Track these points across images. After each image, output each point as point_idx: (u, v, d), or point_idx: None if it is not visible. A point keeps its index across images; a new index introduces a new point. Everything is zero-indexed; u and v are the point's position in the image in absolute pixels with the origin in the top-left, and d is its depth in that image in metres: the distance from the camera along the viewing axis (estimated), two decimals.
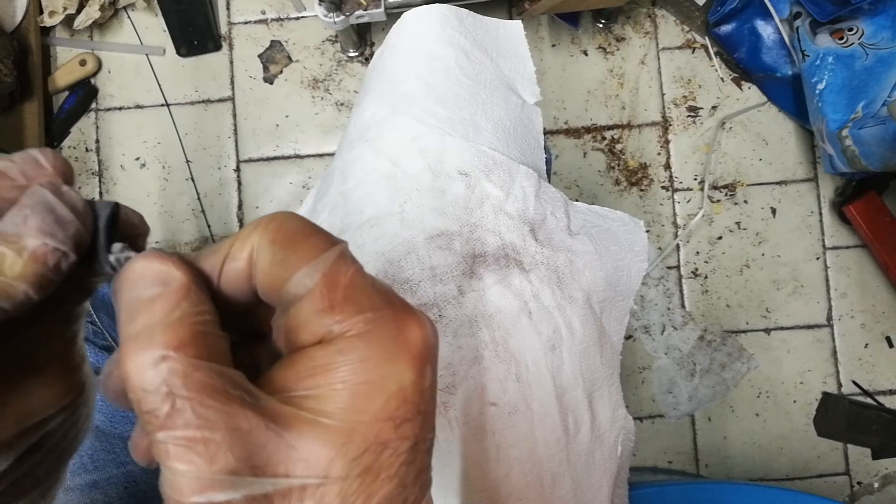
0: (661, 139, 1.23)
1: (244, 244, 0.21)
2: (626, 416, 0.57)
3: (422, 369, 0.20)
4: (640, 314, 1.21)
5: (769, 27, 1.17)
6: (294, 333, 0.21)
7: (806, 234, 1.22)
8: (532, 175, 0.53)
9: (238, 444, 0.18)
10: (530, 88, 0.59)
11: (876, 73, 1.07)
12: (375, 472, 0.19)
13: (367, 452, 0.19)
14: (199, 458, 0.18)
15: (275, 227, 0.21)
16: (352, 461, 0.19)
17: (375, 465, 0.19)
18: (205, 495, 0.18)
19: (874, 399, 0.90)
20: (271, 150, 1.22)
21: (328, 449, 0.19)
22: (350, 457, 0.19)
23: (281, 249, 0.20)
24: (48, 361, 0.24)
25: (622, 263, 0.58)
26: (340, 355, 0.20)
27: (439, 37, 0.55)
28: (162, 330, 0.19)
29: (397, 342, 0.20)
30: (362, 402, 0.20)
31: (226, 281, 0.21)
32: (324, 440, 0.19)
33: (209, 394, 0.18)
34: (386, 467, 0.20)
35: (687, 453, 1.19)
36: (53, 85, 1.21)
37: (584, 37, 1.25)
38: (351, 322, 0.20)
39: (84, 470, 0.55)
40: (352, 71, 1.23)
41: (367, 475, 0.19)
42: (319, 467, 0.19)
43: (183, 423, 0.18)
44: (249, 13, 1.24)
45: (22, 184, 0.21)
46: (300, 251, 0.20)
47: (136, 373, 0.19)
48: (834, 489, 1.18)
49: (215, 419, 0.18)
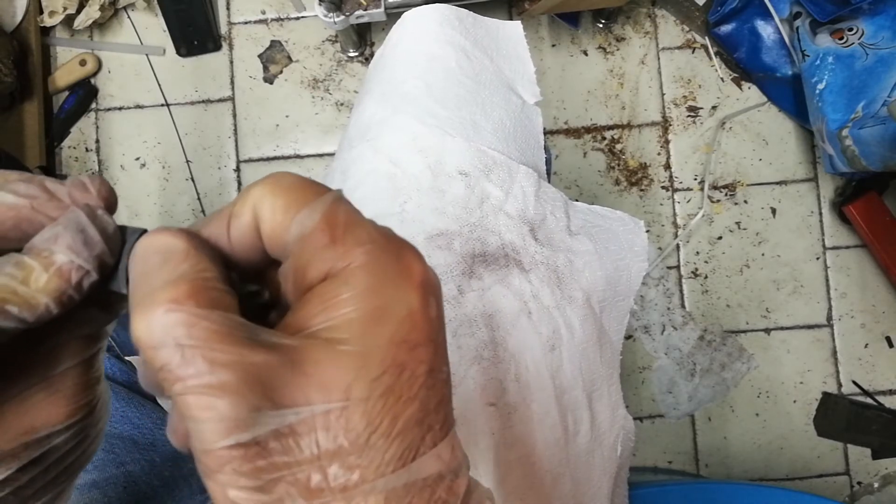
0: (661, 139, 1.23)
1: (245, 201, 0.22)
2: (626, 416, 0.57)
3: (426, 297, 0.21)
4: (640, 314, 1.21)
5: (769, 27, 1.17)
6: (300, 274, 0.21)
7: (806, 234, 1.22)
8: (532, 175, 0.53)
9: (254, 382, 0.19)
10: (530, 88, 0.59)
11: (876, 73, 1.07)
12: (397, 394, 0.20)
13: (385, 374, 0.20)
14: (218, 401, 0.18)
15: (272, 181, 0.22)
16: (372, 382, 0.19)
17: (396, 386, 0.20)
18: (231, 437, 0.18)
19: (874, 399, 0.90)
20: (271, 150, 1.22)
21: (346, 372, 0.19)
22: (370, 378, 0.19)
23: (281, 198, 0.21)
24: (63, 379, 0.25)
25: (622, 263, 0.58)
26: (346, 286, 0.20)
27: (439, 37, 0.55)
28: (162, 288, 0.19)
29: (399, 271, 0.21)
30: (374, 327, 0.20)
31: (235, 239, 0.22)
32: (340, 364, 0.19)
33: (216, 338, 0.19)
34: (406, 389, 0.20)
35: (687, 453, 1.19)
36: (53, 85, 1.21)
37: (584, 37, 1.25)
38: (353, 254, 0.20)
39: (83, 470, 0.55)
40: (352, 71, 1.23)
41: (388, 395, 0.20)
42: (340, 391, 0.19)
43: (195, 371, 0.18)
44: (249, 13, 1.24)
45: (67, 205, 0.22)
46: (300, 197, 0.21)
47: (143, 332, 0.19)
48: (834, 489, 1.18)
49: (226, 361, 0.18)
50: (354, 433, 0.19)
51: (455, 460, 0.21)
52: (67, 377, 0.25)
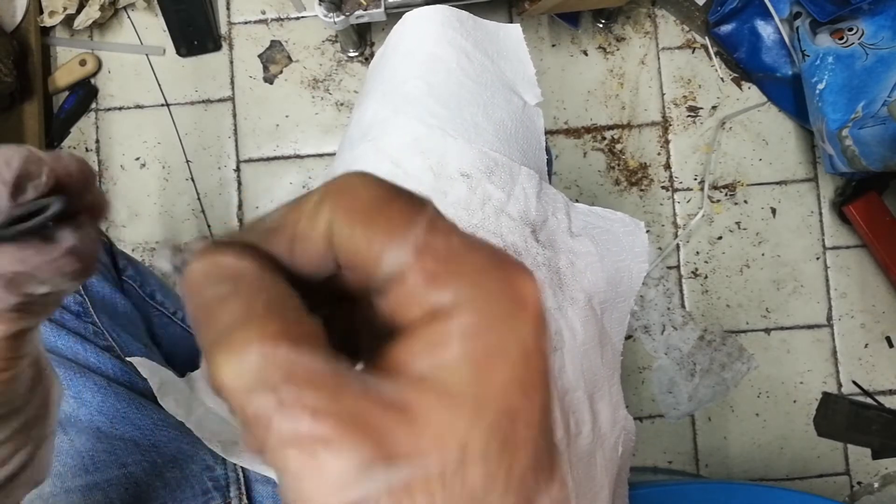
0: (661, 139, 1.23)
1: (316, 221, 0.19)
2: (627, 417, 0.57)
3: (540, 331, 0.18)
4: (640, 314, 1.21)
5: (769, 27, 1.17)
6: (398, 312, 0.19)
7: (806, 234, 1.22)
8: (533, 176, 0.53)
9: (362, 433, 0.16)
10: (531, 90, 0.59)
11: (876, 73, 1.07)
12: (512, 443, 0.18)
13: (501, 422, 0.17)
14: (322, 456, 0.16)
15: (348, 200, 0.18)
16: (488, 432, 0.17)
17: (511, 434, 0.18)
18: (338, 496, 0.16)
19: (874, 399, 0.90)
20: (271, 150, 1.22)
21: (461, 422, 0.17)
22: (485, 427, 0.17)
23: (361, 226, 0.18)
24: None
25: (623, 265, 0.58)
26: (453, 327, 0.18)
27: (440, 38, 0.55)
28: (246, 325, 0.17)
29: (511, 301, 0.18)
30: (487, 370, 0.18)
31: (300, 262, 0.19)
32: (454, 413, 0.17)
33: (317, 384, 0.16)
34: (521, 436, 0.18)
35: (687, 453, 1.19)
36: (53, 85, 1.21)
37: (584, 37, 1.25)
38: (457, 290, 0.18)
39: (85, 471, 0.55)
40: (352, 71, 1.23)
41: (504, 446, 0.17)
42: (456, 443, 0.17)
43: (294, 422, 0.16)
44: (249, 13, 1.24)
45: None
46: (384, 224, 0.18)
47: (229, 378, 0.16)
48: (834, 489, 1.18)
49: (330, 410, 0.16)
50: (471, 489, 0.17)
51: (563, 495, 0.19)
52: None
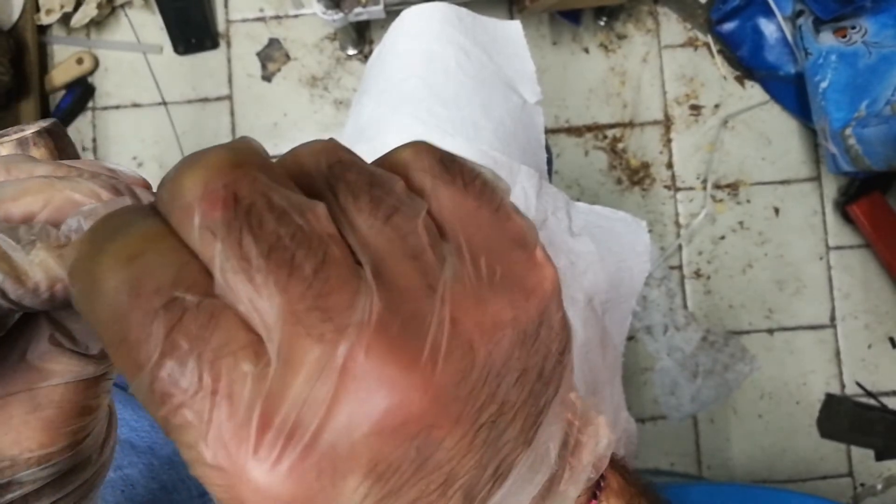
0: (663, 138, 1.23)
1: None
2: (629, 419, 0.57)
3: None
4: (642, 315, 1.20)
5: (772, 25, 1.17)
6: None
7: (809, 233, 1.21)
8: (533, 175, 0.53)
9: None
10: (531, 87, 0.58)
11: (879, 72, 1.07)
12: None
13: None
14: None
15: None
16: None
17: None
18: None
19: (878, 400, 0.90)
20: (270, 148, 1.21)
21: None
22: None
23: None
24: (49, 395, 0.20)
25: (624, 265, 0.57)
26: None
27: (439, 36, 0.55)
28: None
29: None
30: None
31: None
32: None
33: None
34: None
35: (689, 455, 1.18)
36: (50, 83, 1.20)
37: (586, 34, 1.24)
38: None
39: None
40: (350, 69, 1.23)
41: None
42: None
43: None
44: (247, 11, 1.24)
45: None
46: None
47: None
48: (837, 491, 1.17)
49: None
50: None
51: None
52: (55, 394, 0.20)
